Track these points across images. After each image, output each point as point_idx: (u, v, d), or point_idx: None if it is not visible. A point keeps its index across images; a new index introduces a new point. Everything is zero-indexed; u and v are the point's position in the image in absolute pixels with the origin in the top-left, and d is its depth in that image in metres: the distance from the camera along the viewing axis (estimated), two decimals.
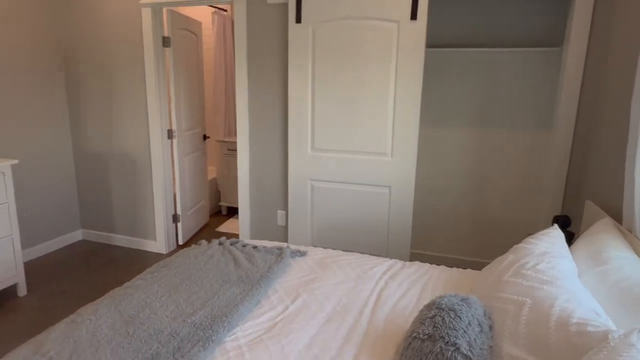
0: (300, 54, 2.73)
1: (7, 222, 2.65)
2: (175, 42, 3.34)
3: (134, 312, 1.55)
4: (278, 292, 1.80)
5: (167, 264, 1.98)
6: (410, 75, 2.54)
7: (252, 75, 2.99)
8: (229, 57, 4.48)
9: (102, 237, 3.72)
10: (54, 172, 3.51)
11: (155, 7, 3.15)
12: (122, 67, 3.33)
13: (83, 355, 1.30)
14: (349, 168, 2.79)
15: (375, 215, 2.82)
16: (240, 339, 1.47)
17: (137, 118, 3.37)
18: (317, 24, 2.67)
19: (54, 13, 3.39)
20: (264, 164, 3.11)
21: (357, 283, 1.89)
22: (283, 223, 3.15)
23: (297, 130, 2.85)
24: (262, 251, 2.13)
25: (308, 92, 2.77)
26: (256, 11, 2.87)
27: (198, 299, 1.66)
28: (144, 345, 1.36)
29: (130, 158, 3.48)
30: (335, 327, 1.54)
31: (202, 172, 4.05)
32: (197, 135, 3.91)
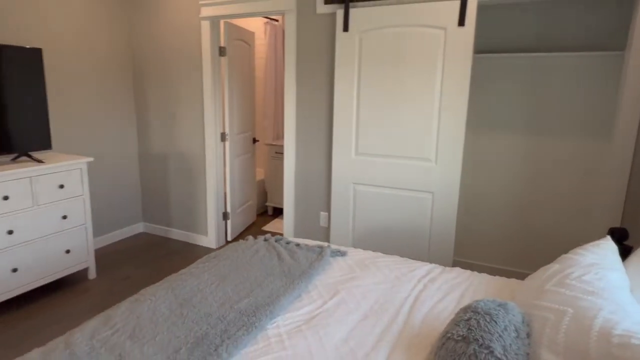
0: (346, 61, 2.83)
1: (82, 213, 2.97)
2: (230, 51, 3.56)
3: (188, 296, 1.71)
4: (318, 287, 1.90)
5: (217, 255, 2.14)
6: (457, 81, 2.56)
7: (300, 81, 3.13)
8: (279, 65, 4.67)
9: (161, 230, 4.03)
10: (121, 170, 3.86)
11: (213, 20, 3.39)
12: (182, 75, 3.60)
13: (144, 329, 1.47)
14: (391, 173, 2.85)
15: (417, 221, 2.84)
16: (281, 328, 1.57)
17: (194, 122, 3.63)
18: (363, 32, 2.76)
19: (125, 26, 3.74)
20: (308, 167, 3.24)
21: (394, 284, 1.94)
22: (325, 224, 3.25)
23: (341, 134, 2.95)
24: (304, 249, 2.24)
25: (353, 98, 2.86)
26: (306, 21, 3.02)
27: (244, 289, 1.80)
28: (195, 326, 1.51)
29: (187, 159, 3.74)
30: (372, 324, 1.61)
31: (251, 174, 4.25)
32: (248, 138, 4.12)
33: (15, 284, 2.61)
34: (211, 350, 1.37)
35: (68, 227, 2.88)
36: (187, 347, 1.38)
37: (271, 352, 1.42)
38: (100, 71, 3.57)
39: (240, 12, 3.21)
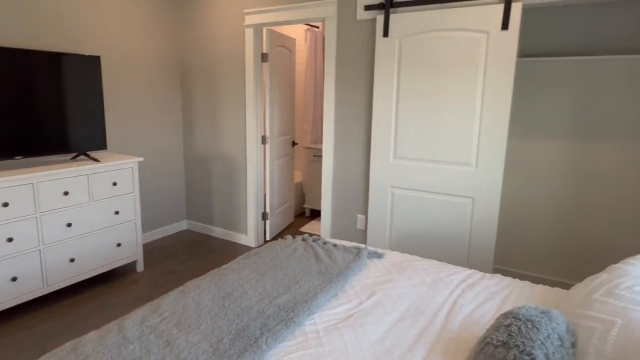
0: (385, 66, 2.85)
1: (132, 209, 3.15)
2: (272, 57, 3.67)
3: (229, 290, 1.79)
4: (354, 287, 1.93)
5: (257, 253, 2.22)
6: (500, 85, 2.52)
7: (339, 86, 3.18)
8: (319, 70, 4.75)
9: (203, 228, 4.19)
10: (167, 170, 4.06)
11: (256, 27, 3.51)
12: (226, 80, 3.75)
13: (189, 319, 1.55)
14: (430, 177, 2.83)
15: (456, 226, 2.81)
16: (318, 324, 1.62)
17: (236, 125, 3.77)
18: (403, 37, 2.78)
19: (174, 34, 3.94)
20: (346, 170, 3.28)
21: (432, 287, 1.94)
22: (362, 227, 3.27)
23: (380, 138, 2.97)
24: (341, 249, 2.28)
25: (392, 102, 2.88)
26: (346, 27, 3.06)
27: (282, 285, 1.86)
28: (237, 318, 1.58)
29: (229, 160, 3.88)
30: (408, 326, 1.62)
31: (290, 176, 4.34)
32: (287, 141, 4.21)
33: (72, 273, 2.81)
34: (251, 341, 1.43)
35: (119, 222, 3.07)
36: (229, 337, 1.45)
37: (308, 347, 1.47)
38: (151, 76, 3.78)
39: (282, 19, 3.31)
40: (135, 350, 1.35)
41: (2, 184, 2.39)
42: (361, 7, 2.95)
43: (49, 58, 2.71)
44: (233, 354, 1.36)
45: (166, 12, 3.84)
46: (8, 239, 2.45)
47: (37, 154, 2.73)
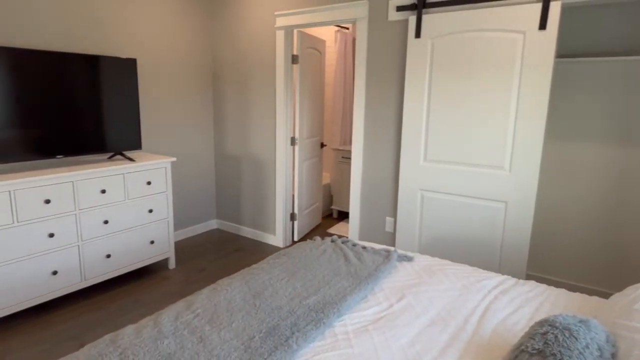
0: (417, 67, 2.82)
1: (165, 207, 3.24)
2: (302, 59, 3.70)
3: (260, 289, 1.81)
4: (384, 290, 1.92)
5: (286, 253, 2.24)
6: (536, 87, 2.46)
7: (370, 87, 3.17)
8: (348, 71, 4.75)
9: (232, 227, 4.26)
10: (199, 170, 4.15)
11: (287, 29, 3.54)
12: (257, 81, 3.80)
13: (221, 316, 1.58)
14: (462, 180, 2.78)
15: (487, 231, 2.75)
16: (348, 326, 1.62)
17: (266, 126, 3.81)
18: (435, 37, 2.74)
19: (207, 37, 4.03)
20: (375, 172, 3.26)
21: (463, 292, 1.91)
22: (391, 230, 3.24)
23: (410, 140, 2.94)
24: (370, 252, 2.27)
25: (423, 104, 2.85)
26: (377, 28, 3.05)
27: (312, 286, 1.87)
28: (267, 317, 1.60)
29: (258, 161, 3.93)
30: (439, 330, 1.60)
31: (318, 177, 4.36)
32: (316, 143, 4.23)
33: (108, 268, 2.91)
34: (282, 340, 1.44)
35: (153, 220, 3.16)
36: (260, 335, 1.47)
37: (338, 348, 1.47)
38: (184, 78, 3.88)
39: (313, 21, 3.33)
40: (170, 345, 1.39)
41: (45, 181, 2.51)
42: (393, 8, 2.93)
43: (88, 61, 2.82)
44: (264, 352, 1.38)
45: (199, 14, 3.93)
46: (50, 235, 2.56)
47: (77, 153, 2.84)
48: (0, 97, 2.45)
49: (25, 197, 2.43)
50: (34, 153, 2.63)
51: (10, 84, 2.48)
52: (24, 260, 2.47)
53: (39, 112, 2.63)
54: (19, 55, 2.50)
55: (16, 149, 2.55)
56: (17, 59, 2.49)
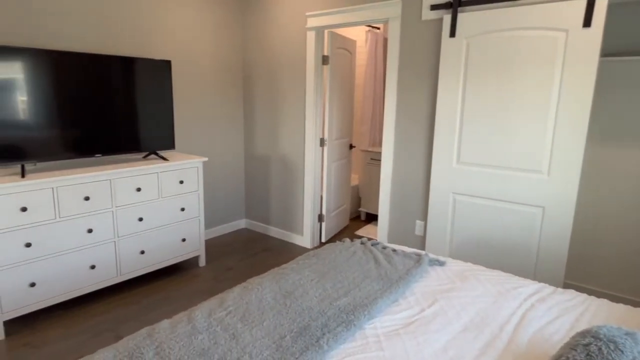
0: (451, 68, 2.77)
1: (196, 206, 3.31)
2: (332, 59, 3.70)
3: (290, 289, 1.82)
4: (415, 294, 1.89)
5: (316, 254, 2.24)
6: (579, 87, 2.36)
7: (401, 88, 3.13)
8: (379, 72, 4.71)
9: (261, 227, 4.30)
10: (228, 170, 4.21)
11: (318, 30, 3.55)
12: (287, 82, 3.83)
13: (253, 315, 1.60)
14: (496, 184, 2.71)
15: (523, 237, 2.67)
16: (379, 329, 1.60)
17: (295, 127, 3.83)
18: (471, 37, 2.68)
19: (238, 38, 4.09)
20: (406, 174, 3.22)
21: (497, 299, 1.85)
22: (421, 233, 3.19)
23: (442, 142, 2.89)
24: (401, 255, 2.24)
25: (457, 105, 2.79)
26: (410, 28, 3.01)
27: (342, 288, 1.86)
28: (298, 317, 1.60)
29: (287, 161, 3.96)
30: (472, 337, 1.56)
31: (346, 179, 4.34)
32: (345, 144, 4.22)
33: (141, 264, 2.99)
34: (313, 341, 1.44)
35: (185, 218, 3.23)
36: (291, 335, 1.47)
37: (368, 351, 1.46)
38: (215, 79, 3.95)
39: (344, 21, 3.32)
40: (204, 340, 1.41)
41: (85, 179, 2.61)
42: (427, 6, 2.89)
43: (125, 62, 2.91)
44: (295, 351, 1.38)
45: (232, 16, 3.99)
46: (88, 230, 2.66)
47: (114, 152, 2.94)
48: (43, 98, 2.56)
49: (66, 194, 2.53)
50: (74, 152, 2.74)
51: (52, 85, 2.59)
52: (64, 254, 2.57)
53: (79, 113, 2.73)
54: (60, 57, 2.60)
55: (58, 147, 2.66)
56: (58, 61, 2.60)
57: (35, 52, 2.49)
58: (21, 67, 2.44)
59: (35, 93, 2.52)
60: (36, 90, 2.52)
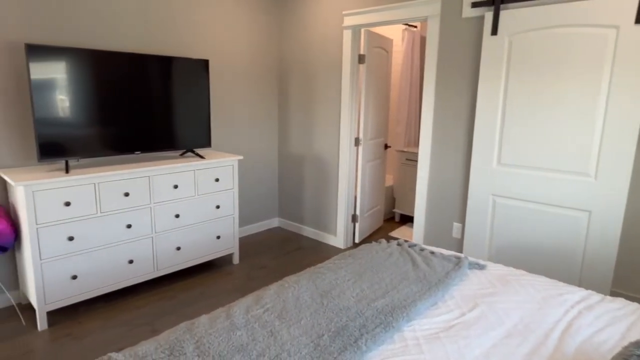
0: (492, 66, 2.68)
1: (231, 204, 3.34)
2: (369, 58, 3.66)
3: (327, 289, 1.80)
4: (455, 298, 1.83)
5: (352, 254, 2.21)
6: (630, 86, 2.24)
7: (440, 87, 3.06)
8: (415, 71, 4.64)
9: (294, 226, 4.31)
10: (262, 168, 4.25)
11: (355, 28, 3.52)
12: (322, 81, 3.82)
13: (290, 313, 1.59)
14: (539, 186, 2.60)
15: (567, 242, 2.55)
16: (418, 332, 1.56)
17: (330, 126, 3.82)
18: (513, 35, 2.59)
19: (275, 38, 4.12)
20: (443, 175, 3.14)
21: (542, 306, 1.77)
22: (458, 236, 3.11)
23: (482, 143, 2.80)
24: (440, 257, 2.18)
25: (498, 105, 2.70)
26: (449, 25, 2.94)
27: (379, 289, 1.82)
28: (335, 317, 1.58)
29: (322, 161, 3.95)
30: (516, 344, 1.50)
31: (381, 179, 4.29)
32: (379, 144, 4.17)
33: (178, 260, 3.05)
34: (351, 341, 1.42)
35: (220, 216, 3.27)
36: (329, 334, 1.45)
37: (408, 353, 1.42)
38: (251, 78, 3.99)
39: (382, 20, 3.28)
40: (243, 336, 1.41)
41: (125, 176, 2.68)
42: (468, 4, 2.81)
43: (164, 62, 2.98)
44: (333, 351, 1.36)
45: (268, 16, 4.03)
46: (127, 225, 2.73)
47: (152, 149, 3.01)
48: (85, 97, 2.65)
49: (107, 190, 2.61)
50: (114, 149, 2.82)
51: (94, 84, 2.67)
52: (104, 249, 2.65)
53: (120, 111, 2.81)
54: (102, 57, 2.68)
55: (99, 145, 2.75)
56: (100, 60, 2.68)
57: (79, 51, 2.58)
58: (67, 67, 2.54)
59: (79, 92, 2.61)
60: (79, 89, 2.61)
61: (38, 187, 2.33)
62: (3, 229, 2.39)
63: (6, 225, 2.40)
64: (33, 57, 2.39)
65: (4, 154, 2.61)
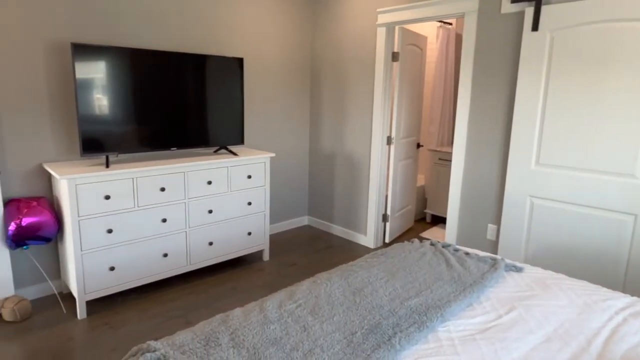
0: (532, 63, 2.59)
1: (262, 201, 3.38)
2: (402, 56, 3.61)
3: (359, 286, 1.79)
4: (491, 299, 1.78)
5: (384, 253, 2.19)
6: None
7: (476, 85, 2.99)
8: (449, 69, 4.55)
9: (323, 225, 4.32)
10: (293, 166, 4.27)
11: (389, 26, 3.49)
12: (355, 79, 3.80)
13: (322, 309, 1.59)
14: (580, 187, 2.50)
15: (610, 246, 2.43)
16: (453, 332, 1.52)
17: (362, 125, 3.80)
18: (556, 30, 2.50)
19: (308, 36, 4.13)
20: (478, 175, 3.06)
21: (584, 311, 1.70)
22: (493, 237, 3.02)
23: (520, 142, 2.71)
24: (475, 258, 2.13)
25: (538, 103, 2.61)
26: (487, 22, 2.86)
27: (413, 288, 1.80)
28: (368, 314, 1.57)
29: (352, 159, 3.93)
30: (557, 349, 1.44)
31: (412, 179, 4.23)
32: (412, 143, 4.11)
33: (210, 255, 3.11)
34: (385, 339, 1.40)
35: (251, 212, 3.31)
36: (362, 332, 1.44)
37: (443, 354, 1.39)
38: (283, 76, 4.02)
39: (417, 17, 3.24)
40: (276, 330, 1.42)
41: (161, 171, 2.75)
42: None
43: (199, 60, 3.03)
44: (367, 348, 1.35)
45: (301, 14, 4.04)
46: (163, 220, 2.81)
47: (188, 146, 3.07)
48: (124, 94, 2.74)
49: (145, 184, 2.69)
50: (152, 145, 2.89)
51: (133, 82, 2.75)
52: (141, 242, 2.73)
53: (158, 108, 2.89)
54: (140, 55, 2.75)
55: (138, 140, 2.83)
56: (138, 58, 2.75)
57: (120, 50, 2.66)
58: (108, 65, 2.63)
59: (119, 90, 2.70)
60: (119, 87, 2.70)
61: (81, 180, 2.43)
62: (47, 220, 2.50)
63: (50, 216, 2.52)
64: (78, 56, 2.49)
65: (50, 149, 2.73)
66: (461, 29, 4.58)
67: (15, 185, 2.63)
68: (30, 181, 2.68)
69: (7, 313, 2.47)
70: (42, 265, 2.78)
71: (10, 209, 2.49)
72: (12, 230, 2.42)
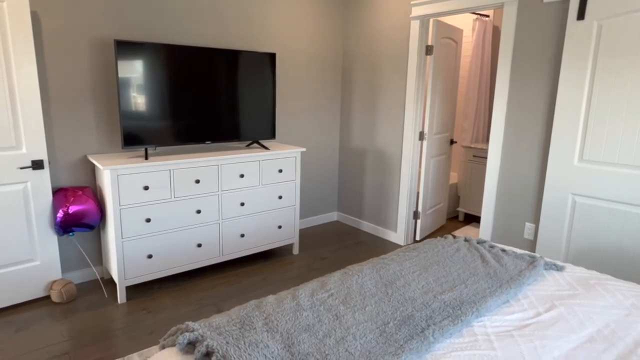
0: (577, 54, 2.48)
1: (293, 195, 3.40)
2: (437, 50, 3.54)
3: (391, 279, 1.77)
4: (529, 297, 1.72)
5: (416, 247, 2.15)
6: None
7: (514, 78, 2.89)
8: (485, 63, 4.42)
9: (352, 221, 4.30)
10: (323, 161, 4.27)
11: (423, 19, 3.42)
12: (387, 73, 3.76)
13: (354, 299, 1.58)
14: (627, 186, 2.37)
15: None
16: (488, 328, 1.48)
17: (394, 120, 3.75)
18: (604, 19, 2.38)
19: (340, 30, 4.12)
20: (515, 172, 2.97)
21: (632, 312, 1.62)
22: (531, 237, 2.92)
23: (563, 138, 2.60)
24: (512, 255, 2.07)
25: (583, 96, 2.49)
26: (528, 12, 2.77)
27: (446, 282, 1.76)
28: (400, 306, 1.55)
29: (384, 155, 3.89)
30: (601, 350, 1.38)
31: (445, 176, 4.15)
32: (445, 139, 4.03)
33: (241, 246, 3.16)
34: (418, 331, 1.38)
35: (282, 206, 3.34)
36: (395, 323, 1.43)
37: (478, 348, 1.36)
38: (315, 71, 4.03)
39: (453, 8, 3.16)
40: (309, 317, 1.43)
41: (197, 163, 2.82)
42: None
43: (233, 55, 3.07)
44: (400, 338, 1.33)
45: (333, 8, 4.03)
46: (197, 211, 2.87)
47: (221, 140, 3.13)
48: (162, 89, 2.81)
49: (181, 176, 2.76)
50: (187, 139, 2.96)
51: (170, 77, 2.82)
52: (177, 232, 2.81)
53: (193, 103, 2.95)
54: (178, 51, 2.82)
55: (174, 134, 2.90)
56: (176, 55, 2.82)
57: (159, 46, 2.73)
58: (147, 61, 2.71)
59: (157, 85, 2.78)
60: (157, 83, 2.78)
61: (122, 171, 2.52)
62: (91, 208, 2.61)
63: (94, 205, 2.63)
64: (120, 52, 2.58)
65: (93, 142, 2.85)
66: (498, 20, 4.44)
67: (63, 175, 2.76)
68: (76, 172, 2.80)
69: (55, 294, 2.60)
70: (86, 252, 2.91)
71: (58, 198, 2.61)
72: (60, 217, 2.54)
